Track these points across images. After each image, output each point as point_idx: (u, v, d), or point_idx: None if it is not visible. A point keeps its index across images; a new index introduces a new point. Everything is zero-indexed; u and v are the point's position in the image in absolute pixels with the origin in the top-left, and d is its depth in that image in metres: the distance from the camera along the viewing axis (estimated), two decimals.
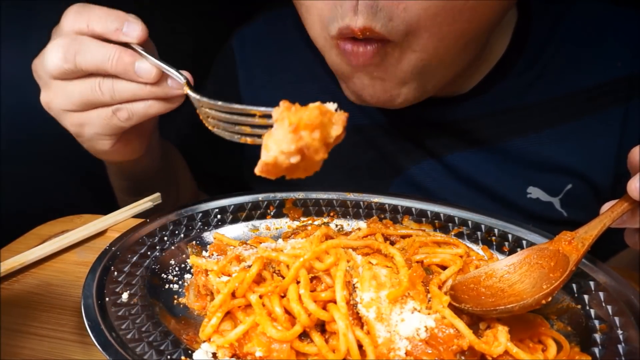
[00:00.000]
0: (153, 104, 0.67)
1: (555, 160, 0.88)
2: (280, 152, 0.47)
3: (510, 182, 0.90)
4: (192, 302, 0.60)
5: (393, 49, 0.69)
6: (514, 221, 0.73)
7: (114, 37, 0.64)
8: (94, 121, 0.68)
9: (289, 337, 0.50)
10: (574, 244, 0.57)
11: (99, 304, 0.53)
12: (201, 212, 0.74)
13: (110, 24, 0.63)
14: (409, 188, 0.95)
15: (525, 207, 0.90)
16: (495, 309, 0.52)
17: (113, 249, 0.62)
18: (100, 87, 0.65)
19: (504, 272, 0.57)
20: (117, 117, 0.67)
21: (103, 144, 0.73)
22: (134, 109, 0.67)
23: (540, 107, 0.87)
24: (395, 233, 0.69)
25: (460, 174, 0.92)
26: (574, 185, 0.88)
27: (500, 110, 0.88)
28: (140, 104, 0.67)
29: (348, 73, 0.75)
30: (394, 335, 0.49)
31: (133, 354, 0.47)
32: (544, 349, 0.52)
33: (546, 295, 0.51)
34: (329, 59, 0.77)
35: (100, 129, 0.69)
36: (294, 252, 0.58)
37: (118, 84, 0.65)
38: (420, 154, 0.94)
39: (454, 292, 0.56)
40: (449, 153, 0.92)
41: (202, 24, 1.50)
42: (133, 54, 0.63)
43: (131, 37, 0.64)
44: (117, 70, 0.63)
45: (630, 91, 0.85)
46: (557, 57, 0.87)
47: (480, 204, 0.91)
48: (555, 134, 0.87)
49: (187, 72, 0.65)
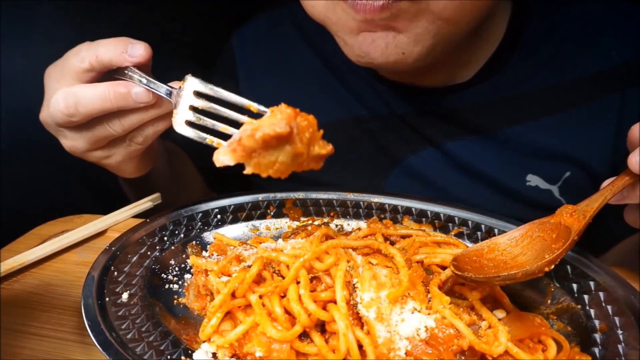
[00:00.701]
0: (160, 122, 0.70)
1: (554, 148, 0.89)
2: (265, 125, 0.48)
3: (510, 170, 0.91)
4: (192, 302, 0.60)
5: (409, 5, 0.67)
6: (514, 221, 0.73)
7: (120, 60, 0.65)
8: (115, 152, 0.73)
9: (289, 337, 0.50)
10: (575, 216, 0.57)
11: (99, 304, 0.53)
12: (201, 212, 0.74)
13: (116, 49, 0.65)
14: (408, 178, 0.95)
15: (524, 195, 0.91)
16: (499, 276, 0.51)
17: (113, 249, 0.62)
18: (110, 125, 0.68)
19: (506, 246, 0.57)
20: (134, 143, 0.72)
21: (129, 167, 0.78)
22: (145, 132, 0.70)
23: (538, 95, 0.88)
24: (395, 233, 0.69)
25: (459, 162, 0.93)
26: (573, 173, 0.89)
27: (499, 99, 0.89)
28: (149, 126, 0.70)
29: (356, 27, 0.72)
30: (394, 335, 0.49)
31: (133, 354, 0.47)
32: (544, 349, 0.52)
33: (549, 262, 0.51)
34: (332, 17, 0.74)
35: (122, 156, 0.74)
36: (294, 252, 0.58)
37: (124, 118, 0.67)
38: (420, 143, 0.94)
39: (456, 263, 0.55)
40: (448, 142, 0.92)
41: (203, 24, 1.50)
42: (126, 84, 0.64)
43: (137, 58, 0.65)
44: (118, 105, 0.65)
45: (626, 79, 0.86)
46: (554, 46, 0.88)
47: (479, 193, 0.92)
48: (554, 122, 0.88)
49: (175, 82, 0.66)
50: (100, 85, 0.64)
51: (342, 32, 0.75)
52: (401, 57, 0.72)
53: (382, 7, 0.66)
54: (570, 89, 0.87)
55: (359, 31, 0.72)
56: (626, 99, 0.86)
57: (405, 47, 0.71)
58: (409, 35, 0.70)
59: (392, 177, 0.96)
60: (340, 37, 0.77)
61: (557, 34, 0.88)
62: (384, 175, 0.97)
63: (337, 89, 0.98)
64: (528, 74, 0.88)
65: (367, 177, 0.97)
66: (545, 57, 0.88)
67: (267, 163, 0.49)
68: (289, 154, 0.49)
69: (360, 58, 0.75)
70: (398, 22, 0.69)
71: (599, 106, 0.87)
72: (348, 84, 0.97)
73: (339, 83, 0.98)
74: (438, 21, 0.69)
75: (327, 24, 0.76)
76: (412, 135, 0.94)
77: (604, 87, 0.87)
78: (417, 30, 0.70)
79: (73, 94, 0.64)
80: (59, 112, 0.65)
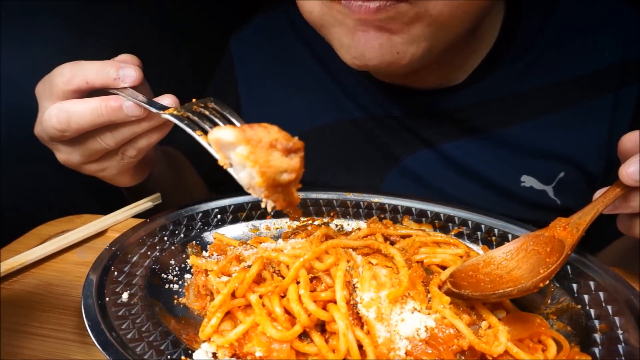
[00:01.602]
0: (152, 134, 0.70)
1: (548, 148, 0.89)
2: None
3: (505, 171, 0.91)
4: (192, 302, 0.60)
5: (408, 8, 0.67)
6: (514, 221, 0.73)
7: (113, 85, 0.65)
8: (109, 165, 0.73)
9: (289, 337, 0.50)
10: (568, 230, 0.58)
11: (99, 304, 0.53)
12: (201, 212, 0.74)
13: (108, 75, 0.65)
14: (405, 178, 0.96)
15: (519, 196, 0.91)
16: (495, 293, 0.52)
17: (113, 249, 0.62)
18: (102, 139, 0.68)
19: (502, 260, 0.58)
20: (127, 156, 0.72)
21: (123, 179, 0.79)
22: (138, 145, 0.71)
23: (533, 95, 0.89)
24: (395, 233, 0.69)
25: (455, 163, 0.93)
26: (567, 173, 0.90)
27: (494, 99, 0.90)
28: (142, 139, 0.70)
29: (351, 27, 0.71)
30: (394, 335, 0.49)
31: (133, 354, 0.47)
32: (544, 349, 0.52)
33: (543, 278, 0.52)
34: (328, 19, 0.74)
35: (116, 169, 0.74)
36: (294, 252, 0.58)
37: (116, 132, 0.67)
38: (416, 144, 0.94)
39: (453, 279, 0.56)
40: (443, 143, 0.93)
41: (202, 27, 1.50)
42: (117, 98, 0.65)
43: (129, 82, 0.66)
44: (110, 119, 0.65)
45: (619, 79, 0.86)
46: (548, 47, 0.88)
47: (475, 193, 0.92)
48: (548, 122, 0.89)
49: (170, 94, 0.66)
50: (92, 100, 0.64)
51: (338, 33, 0.75)
52: (396, 57, 0.72)
53: (378, 9, 0.66)
54: (563, 89, 0.88)
55: (355, 32, 0.72)
56: (619, 99, 0.86)
57: (400, 47, 0.71)
58: (403, 37, 0.70)
59: (389, 178, 0.97)
60: (336, 40, 0.76)
61: (550, 35, 0.88)
62: (381, 176, 0.97)
63: (333, 90, 0.98)
64: (522, 74, 0.89)
65: (364, 179, 0.97)
66: (539, 58, 0.88)
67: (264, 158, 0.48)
68: (286, 164, 0.49)
69: (356, 60, 0.74)
70: (393, 24, 0.69)
71: (592, 106, 0.87)
72: (344, 86, 0.98)
73: (335, 85, 0.98)
74: (434, 24, 0.69)
75: (324, 26, 0.76)
76: (408, 136, 0.95)
77: (597, 87, 0.87)
78: (413, 32, 0.70)
79: (65, 110, 0.65)
80: (52, 128, 0.65)
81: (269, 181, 0.48)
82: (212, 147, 0.50)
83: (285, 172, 0.49)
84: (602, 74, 0.87)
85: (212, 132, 0.49)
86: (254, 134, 0.48)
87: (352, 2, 0.68)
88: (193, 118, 0.60)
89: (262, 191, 0.49)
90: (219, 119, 0.60)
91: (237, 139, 0.48)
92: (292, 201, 0.52)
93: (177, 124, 0.60)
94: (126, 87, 0.65)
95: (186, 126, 0.58)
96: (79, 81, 0.65)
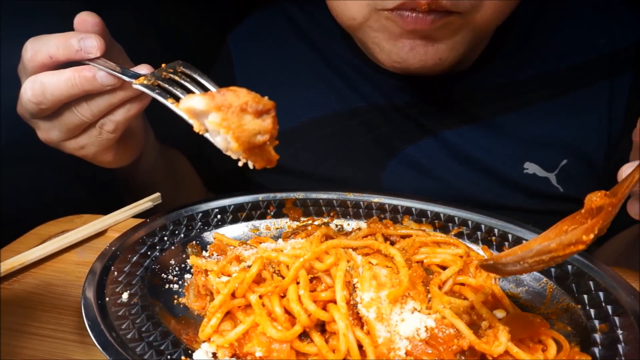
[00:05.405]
0: (130, 106, 0.69)
1: (550, 135, 0.90)
2: None
3: (507, 158, 0.92)
4: (192, 302, 0.60)
5: (456, 19, 0.71)
6: (514, 221, 0.73)
7: (77, 57, 0.65)
8: (89, 141, 0.72)
9: (289, 337, 0.50)
10: (607, 195, 0.49)
11: (99, 304, 0.53)
12: (201, 212, 0.74)
13: (71, 48, 0.64)
14: (406, 168, 0.96)
15: (522, 183, 0.92)
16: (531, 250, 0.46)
17: (113, 249, 0.62)
18: (79, 111, 0.67)
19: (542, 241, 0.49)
20: (105, 131, 0.70)
21: (106, 157, 0.76)
22: (116, 118, 0.69)
23: (532, 83, 0.90)
24: (395, 233, 0.69)
25: (457, 151, 0.93)
26: (569, 160, 0.90)
27: (494, 87, 0.91)
28: (119, 111, 0.69)
29: (396, 34, 0.74)
30: (394, 335, 0.49)
31: (133, 354, 0.47)
32: (544, 349, 0.52)
33: (587, 230, 0.45)
34: (373, 25, 0.76)
35: (96, 146, 0.72)
36: (294, 252, 0.58)
37: (92, 103, 0.67)
38: (417, 132, 0.95)
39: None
40: (445, 131, 0.93)
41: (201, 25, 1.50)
42: (90, 68, 0.64)
43: (93, 52, 0.65)
44: (84, 89, 0.64)
45: (615, 67, 0.88)
46: (545, 35, 0.90)
47: (477, 181, 0.93)
48: (548, 110, 0.90)
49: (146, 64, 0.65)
50: (66, 71, 0.64)
51: (378, 38, 0.77)
52: (438, 62, 0.76)
53: (433, 20, 0.69)
54: (562, 77, 0.89)
55: (399, 38, 0.75)
56: (615, 86, 0.87)
57: (442, 53, 0.75)
58: (447, 43, 0.74)
59: (390, 167, 0.97)
60: (375, 44, 0.79)
61: (549, 22, 0.90)
62: (382, 166, 0.97)
63: (333, 81, 0.99)
64: (523, 61, 0.90)
65: (365, 169, 0.97)
66: (539, 45, 0.90)
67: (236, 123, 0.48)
68: (258, 126, 0.49)
69: (397, 64, 0.77)
70: (440, 33, 0.73)
71: (591, 94, 0.88)
72: (344, 76, 0.98)
73: (335, 75, 0.98)
74: (475, 30, 0.73)
75: (363, 30, 0.78)
76: (409, 125, 0.95)
77: (595, 75, 0.88)
78: (456, 39, 0.74)
79: (40, 82, 0.64)
80: (28, 102, 0.65)
81: (245, 144, 0.49)
82: (186, 115, 0.51)
83: (258, 134, 0.49)
84: (599, 61, 0.88)
85: (183, 102, 0.50)
86: (224, 99, 0.48)
87: (406, 12, 0.70)
88: (164, 85, 0.59)
89: (240, 154, 0.50)
90: (190, 83, 0.60)
91: (207, 107, 0.48)
92: (270, 159, 0.52)
93: (148, 93, 0.59)
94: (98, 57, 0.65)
95: (158, 95, 0.58)
96: (43, 57, 0.64)
